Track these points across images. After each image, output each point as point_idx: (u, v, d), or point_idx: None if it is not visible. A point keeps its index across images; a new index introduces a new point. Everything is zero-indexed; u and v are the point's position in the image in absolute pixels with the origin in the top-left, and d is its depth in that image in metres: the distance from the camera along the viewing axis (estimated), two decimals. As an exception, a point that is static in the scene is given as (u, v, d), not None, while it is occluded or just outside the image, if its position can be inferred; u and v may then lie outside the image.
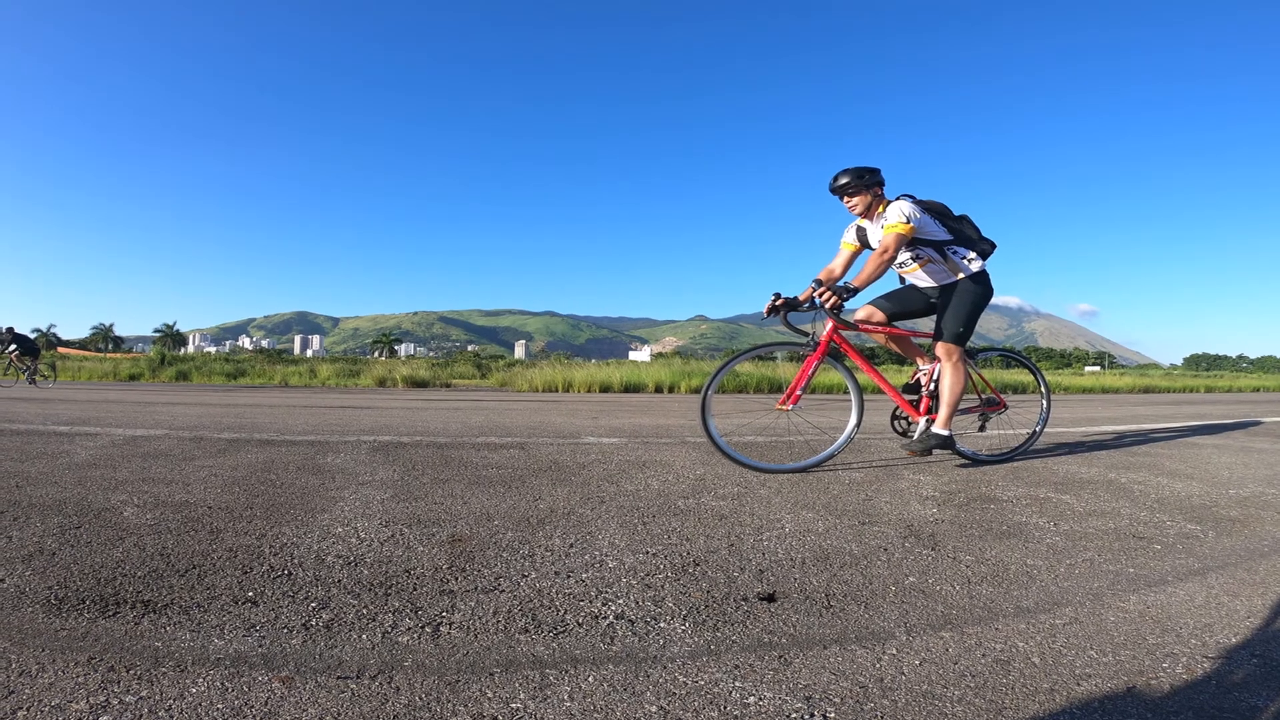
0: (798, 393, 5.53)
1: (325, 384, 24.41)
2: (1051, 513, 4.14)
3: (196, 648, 2.07)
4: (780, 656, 2.12)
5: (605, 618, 2.40)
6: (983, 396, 6.09)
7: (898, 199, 5.53)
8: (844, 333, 5.63)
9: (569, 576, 2.82)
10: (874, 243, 5.70)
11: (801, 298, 5.30)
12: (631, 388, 23.25)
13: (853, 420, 5.61)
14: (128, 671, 1.91)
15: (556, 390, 22.52)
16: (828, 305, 5.16)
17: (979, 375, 6.05)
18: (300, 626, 2.25)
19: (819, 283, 5.36)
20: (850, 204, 5.71)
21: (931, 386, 5.81)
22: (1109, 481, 5.18)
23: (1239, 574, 3.09)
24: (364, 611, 2.39)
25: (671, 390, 22.94)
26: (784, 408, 5.57)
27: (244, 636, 2.15)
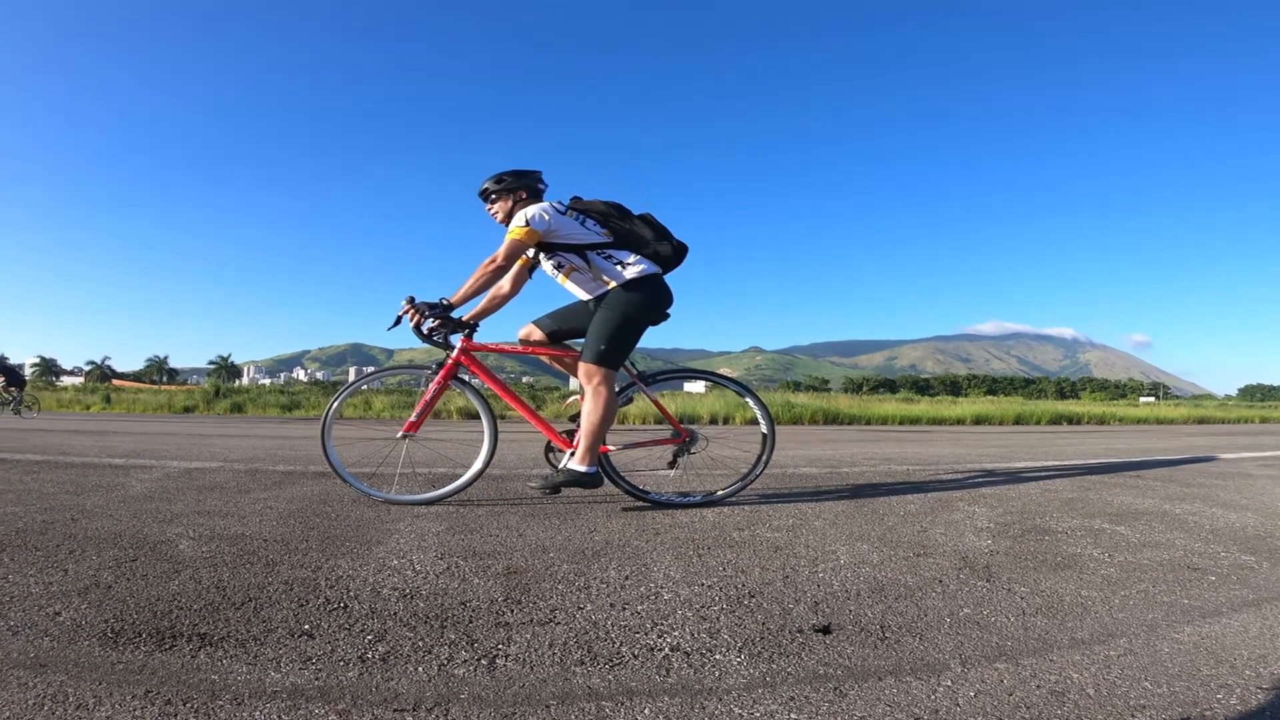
0: (413, 419, 5.03)
1: (379, 416, 24.56)
2: (1106, 544, 4.09)
3: (253, 681, 2.05)
4: (836, 688, 2.09)
5: (661, 650, 2.37)
6: (681, 427, 5.27)
7: (545, 202, 5.04)
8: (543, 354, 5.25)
9: (624, 608, 2.79)
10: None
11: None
12: (686, 419, 23.27)
13: (484, 452, 5.11)
14: (184, 705, 1.89)
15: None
16: (413, 325, 4.79)
17: (655, 403, 5.54)
18: (356, 659, 2.22)
19: (410, 300, 4.82)
20: (491, 210, 5.21)
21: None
22: (1163, 512, 5.11)
23: (1293, 605, 3.03)
24: (420, 644, 2.37)
25: (726, 421, 22.87)
26: (406, 435, 5.06)
27: (300, 669, 2.13)
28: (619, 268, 4.92)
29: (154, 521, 4.11)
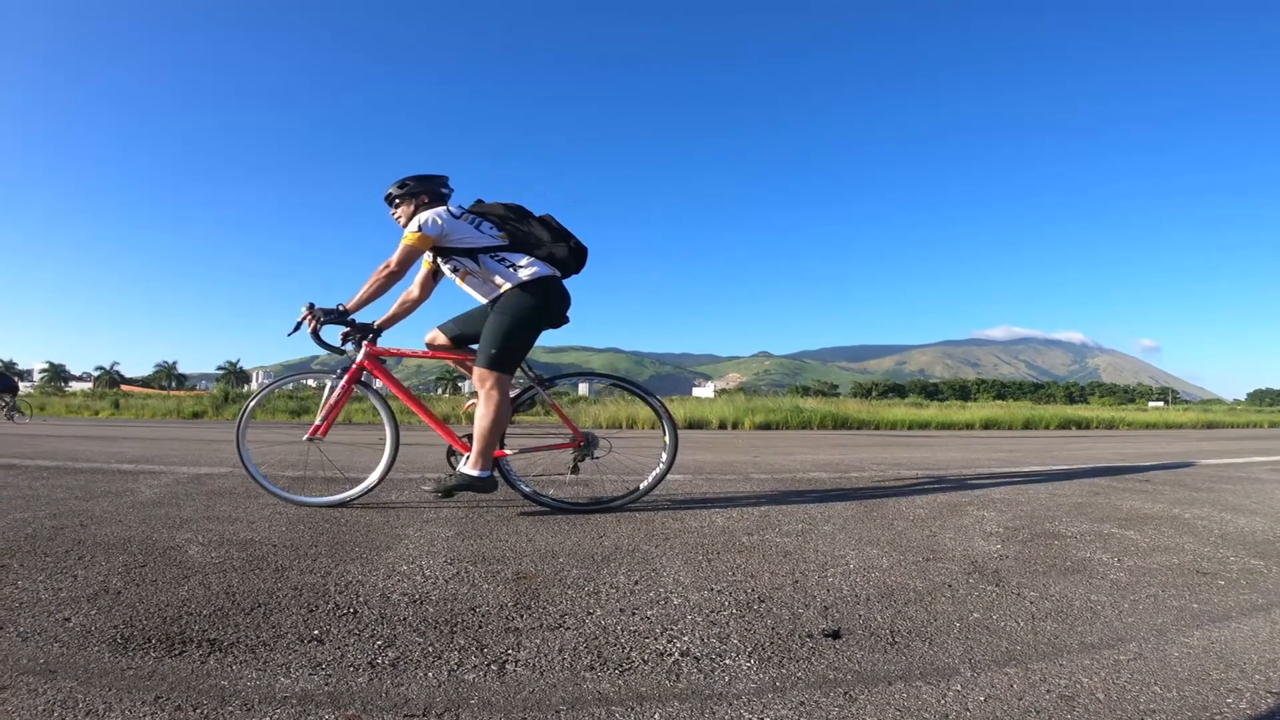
0: (317, 423, 5.03)
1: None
2: (1115, 548, 4.10)
3: (263, 686, 2.05)
4: (845, 693, 2.10)
5: (671, 655, 2.37)
6: (579, 432, 5.19)
7: (443, 206, 5.02)
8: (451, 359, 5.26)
9: (634, 613, 2.79)
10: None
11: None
12: (695, 424, 23.24)
13: (386, 456, 5.11)
14: (194, 710, 1.89)
15: (620, 427, 22.52)
16: (310, 330, 4.79)
17: (553, 407, 5.33)
18: (366, 664, 2.22)
19: (310, 306, 4.83)
20: (395, 215, 5.19)
21: None
22: (1173, 517, 5.11)
23: (1302, 609, 3.03)
24: (430, 649, 2.36)
25: (735, 427, 22.90)
26: (311, 439, 5.03)
27: (310, 675, 2.13)
28: (512, 270, 4.90)
29: (163, 527, 4.12)
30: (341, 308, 4.87)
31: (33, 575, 3.09)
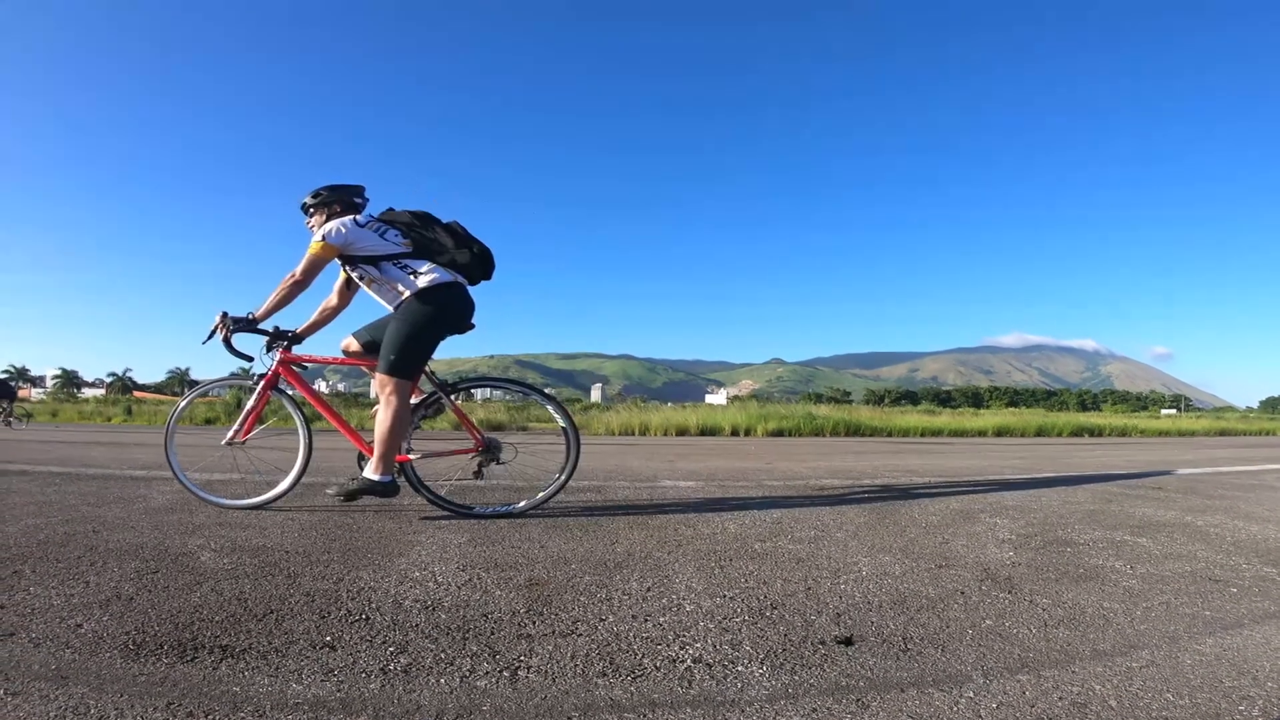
0: (236, 427, 5.15)
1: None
2: (1128, 556, 4.10)
3: (275, 692, 2.04)
4: (858, 700, 2.10)
5: (683, 661, 2.38)
6: (479, 436, 5.21)
7: (354, 215, 5.07)
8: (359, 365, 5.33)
9: (646, 620, 2.79)
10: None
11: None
12: (708, 431, 23.18)
13: (299, 461, 5.15)
14: (206, 717, 1.89)
15: (633, 434, 22.55)
16: (221, 338, 4.93)
17: (456, 412, 5.32)
18: (378, 671, 2.22)
19: (223, 315, 4.94)
20: (309, 224, 5.25)
21: None
22: (1185, 524, 5.11)
23: (1314, 616, 3.03)
24: (442, 655, 2.36)
25: (748, 433, 22.83)
26: (234, 443, 5.17)
27: (322, 681, 2.13)
28: (412, 277, 4.91)
29: (175, 533, 4.13)
30: (251, 316, 4.97)
31: (45, 581, 3.09)
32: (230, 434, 5.16)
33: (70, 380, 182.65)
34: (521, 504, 5.10)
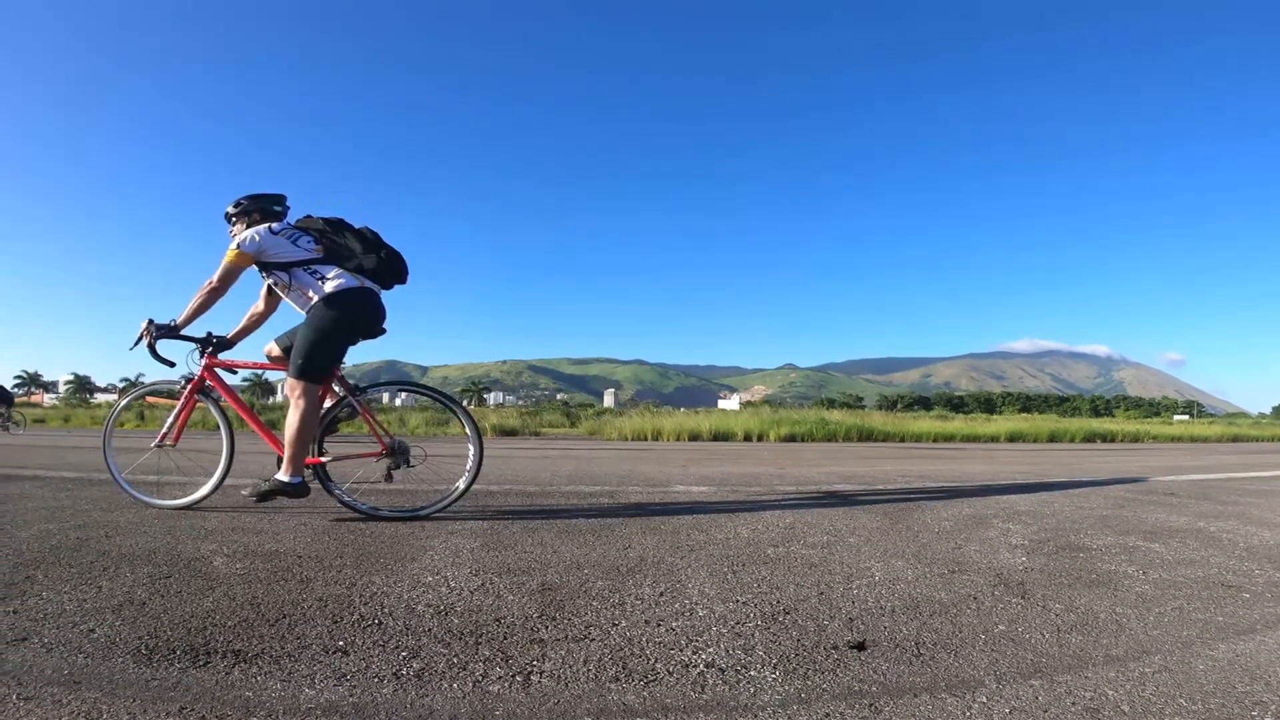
0: (164, 430, 5.38)
1: (414, 433, 24.63)
2: (1141, 561, 4.09)
3: (287, 697, 2.04)
4: (871, 705, 2.10)
5: (696, 666, 2.37)
6: (385, 440, 5.21)
7: (270, 223, 5.21)
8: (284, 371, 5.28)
9: (659, 625, 2.78)
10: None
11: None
12: (720, 436, 23.19)
13: (222, 463, 5.29)
14: (218, 721, 1.88)
15: (646, 439, 22.59)
16: (146, 345, 5.08)
17: (364, 416, 5.30)
18: (391, 676, 2.22)
19: (149, 322, 5.11)
20: (232, 233, 5.32)
21: None
22: (1198, 530, 5.10)
23: (1328, 622, 3.03)
24: (455, 660, 2.36)
25: (761, 439, 22.86)
26: (160, 445, 5.39)
27: (335, 686, 2.13)
28: (320, 283, 5.02)
29: (188, 538, 4.13)
30: (173, 323, 5.11)
31: (57, 586, 3.10)
32: (159, 436, 5.37)
33: (83, 385, 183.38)
34: (426, 508, 5.11)
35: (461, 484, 5.21)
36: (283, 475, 4.88)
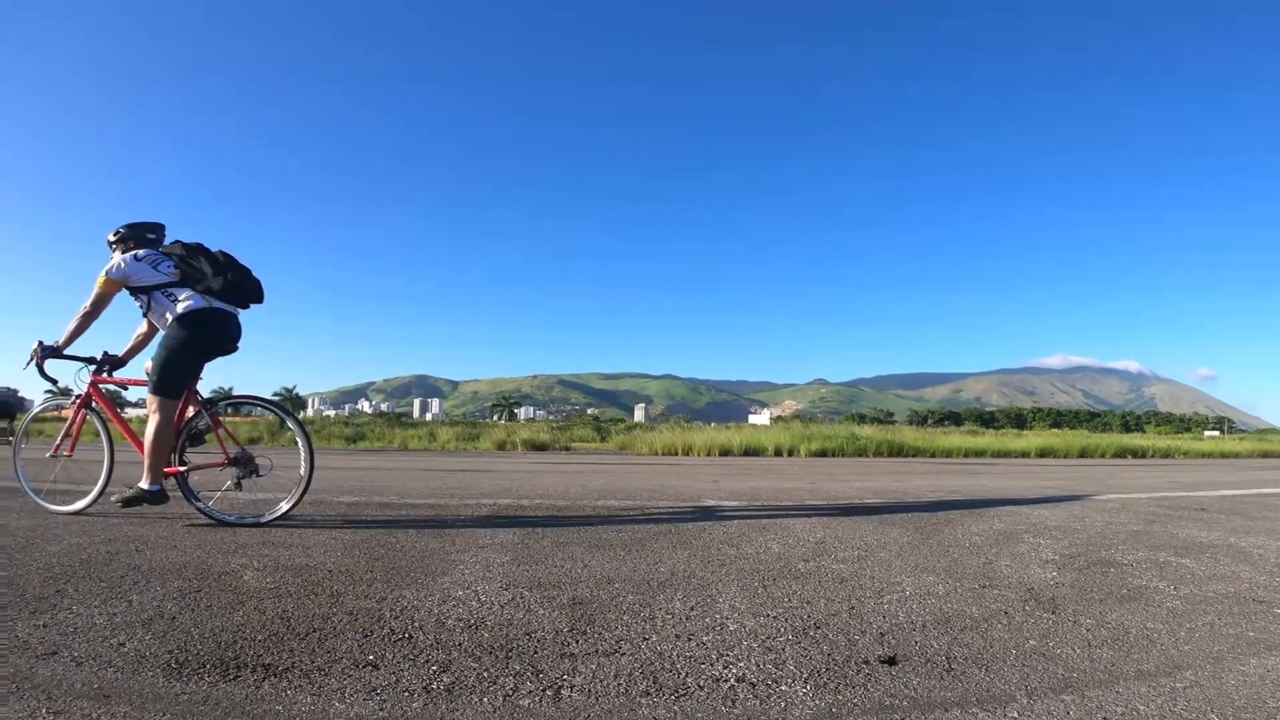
0: (58, 442, 5.82)
1: (444, 448, 24.71)
2: (1172, 576, 4.09)
3: (317, 711, 2.03)
4: (901, 719, 2.08)
5: (726, 680, 2.37)
6: (229, 452, 5.52)
7: (139, 250, 5.50)
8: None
9: (690, 639, 2.78)
10: None
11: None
12: (751, 451, 23.11)
13: (103, 474, 5.64)
14: (248, 735, 1.87)
15: (676, 453, 22.53)
16: (35, 364, 5.46)
17: (214, 428, 5.58)
18: (421, 690, 2.21)
19: (39, 344, 5.48)
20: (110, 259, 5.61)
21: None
22: (1229, 545, 5.10)
23: (1357, 638, 3.01)
24: (485, 674, 2.35)
25: (791, 454, 22.76)
26: (55, 455, 5.83)
27: (365, 700, 2.12)
28: (174, 304, 5.33)
29: (218, 552, 4.14)
30: (55, 344, 5.48)
31: (87, 600, 3.10)
32: (54, 447, 5.86)
33: (114, 399, 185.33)
34: (267, 516, 5.30)
35: (296, 497, 5.37)
36: (143, 483, 5.22)
